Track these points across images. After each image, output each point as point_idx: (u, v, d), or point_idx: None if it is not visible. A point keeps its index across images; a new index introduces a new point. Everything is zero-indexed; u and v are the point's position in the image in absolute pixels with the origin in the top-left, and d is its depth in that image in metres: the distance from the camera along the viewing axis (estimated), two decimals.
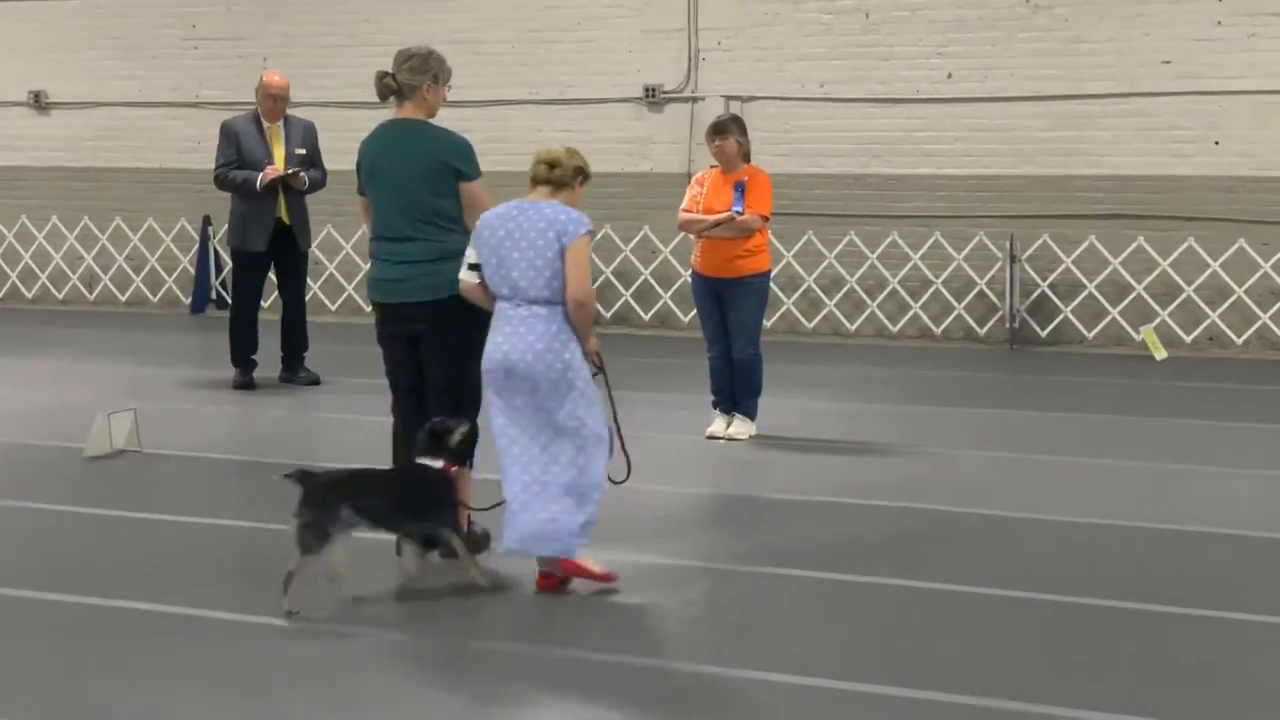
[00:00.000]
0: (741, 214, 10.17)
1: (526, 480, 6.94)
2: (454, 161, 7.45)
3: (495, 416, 7.03)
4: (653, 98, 16.39)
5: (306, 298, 13.05)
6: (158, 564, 7.52)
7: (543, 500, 6.92)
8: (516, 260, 6.89)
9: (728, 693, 5.83)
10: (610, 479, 7.10)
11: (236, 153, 12.26)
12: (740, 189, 10.21)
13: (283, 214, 12.28)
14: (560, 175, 7.06)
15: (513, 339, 6.91)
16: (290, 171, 12.17)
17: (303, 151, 12.35)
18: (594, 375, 7.08)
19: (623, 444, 7.19)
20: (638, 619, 6.71)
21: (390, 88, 7.52)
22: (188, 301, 17.77)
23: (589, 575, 7.06)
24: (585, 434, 6.95)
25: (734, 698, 5.79)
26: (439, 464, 7.10)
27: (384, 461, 7.72)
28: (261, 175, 12.11)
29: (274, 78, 12.55)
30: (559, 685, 5.94)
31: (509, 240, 6.91)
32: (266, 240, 12.28)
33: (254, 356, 12.46)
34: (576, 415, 6.93)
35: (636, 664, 6.14)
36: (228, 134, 12.36)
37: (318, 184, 12.48)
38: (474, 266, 7.05)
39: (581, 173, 7.15)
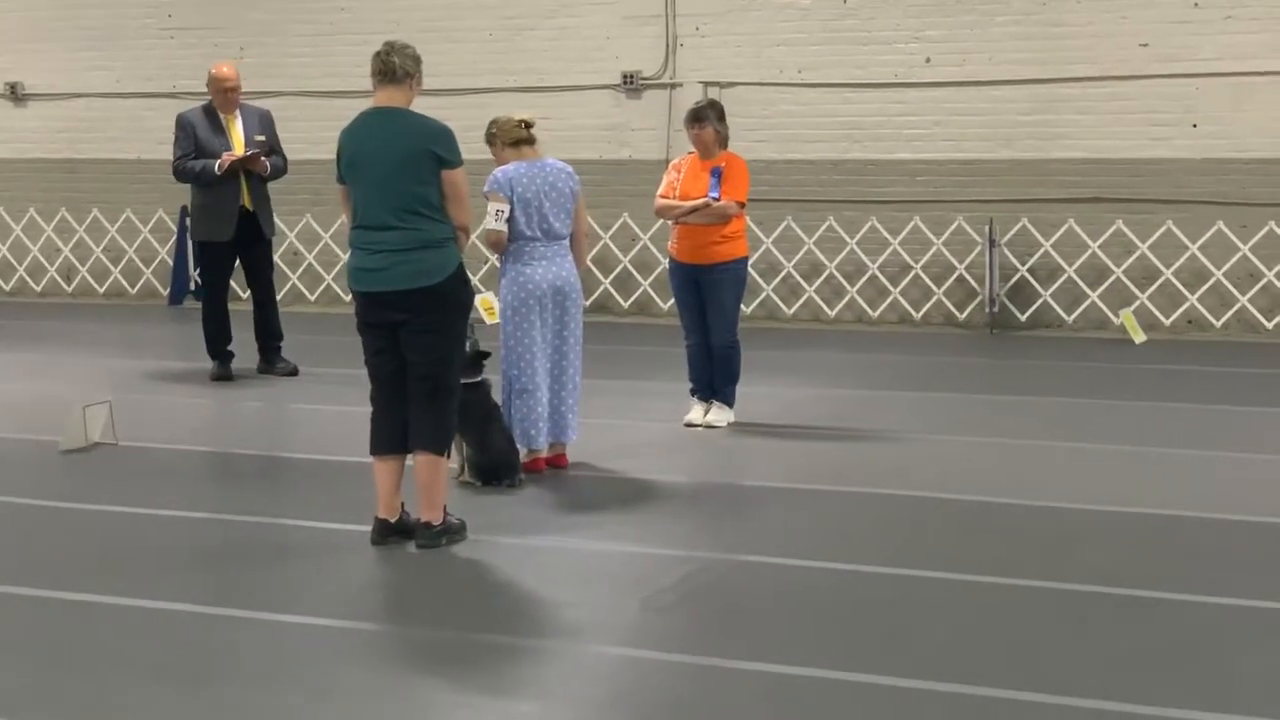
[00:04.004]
0: (718, 200, 10.14)
1: (550, 383, 8.84)
2: (437, 149, 7.41)
3: (528, 334, 8.74)
4: (631, 84, 16.34)
5: (285, 288, 12.98)
6: (133, 557, 7.49)
7: (563, 396, 8.91)
8: (549, 208, 8.79)
9: (705, 682, 5.81)
10: None
11: (194, 144, 12.16)
12: (717, 175, 10.17)
13: (245, 201, 12.18)
14: (535, 133, 8.90)
15: (552, 268, 8.83)
16: (249, 154, 12.09)
17: (261, 138, 12.27)
18: None
19: None
20: (614, 608, 6.70)
21: (392, 65, 7.48)
22: (166, 293, 17.71)
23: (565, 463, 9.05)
24: (582, 342, 9.02)
25: (712, 687, 5.77)
26: None
27: (360, 450, 7.71)
28: (219, 161, 12.03)
29: (223, 69, 12.38)
30: (536, 675, 5.93)
31: (541, 192, 8.76)
32: (232, 229, 12.18)
33: (229, 348, 12.38)
34: (581, 325, 9.02)
35: (613, 654, 6.13)
36: (184, 126, 12.25)
37: (279, 170, 12.41)
38: (510, 220, 8.70)
39: None
